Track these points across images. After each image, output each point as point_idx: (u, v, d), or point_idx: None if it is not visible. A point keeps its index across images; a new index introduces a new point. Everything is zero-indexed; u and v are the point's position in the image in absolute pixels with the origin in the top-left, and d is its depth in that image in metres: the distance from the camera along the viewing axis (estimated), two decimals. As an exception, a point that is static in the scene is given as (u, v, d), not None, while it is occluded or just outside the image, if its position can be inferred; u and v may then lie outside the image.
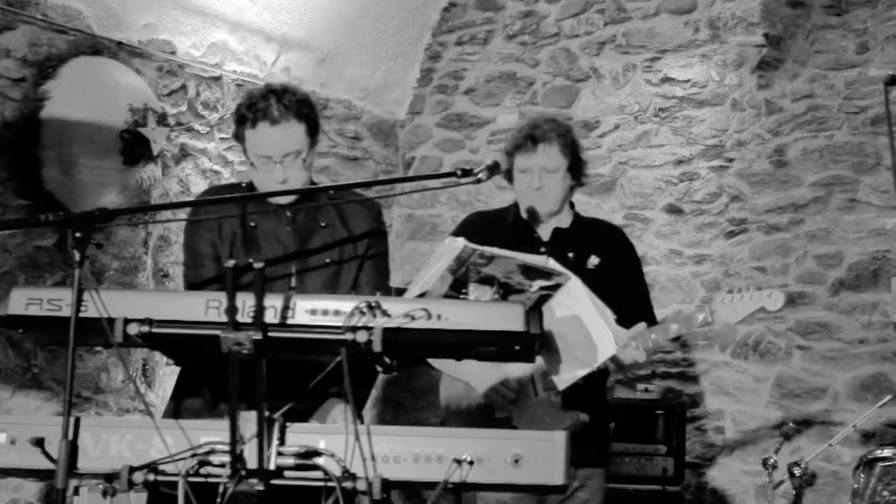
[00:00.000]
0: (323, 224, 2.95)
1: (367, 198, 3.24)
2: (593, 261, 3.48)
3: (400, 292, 3.16)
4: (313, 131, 2.93)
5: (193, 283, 2.95)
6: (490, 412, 3.30)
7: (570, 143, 3.47)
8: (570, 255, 3.42)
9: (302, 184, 2.89)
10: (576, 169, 3.49)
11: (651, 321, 3.41)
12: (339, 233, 2.97)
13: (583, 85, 5.96)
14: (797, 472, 4.12)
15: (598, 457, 3.47)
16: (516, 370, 3.23)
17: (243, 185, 3.07)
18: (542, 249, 3.36)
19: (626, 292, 3.41)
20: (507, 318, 2.04)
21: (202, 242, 2.94)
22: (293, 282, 2.87)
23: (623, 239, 3.66)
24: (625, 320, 3.24)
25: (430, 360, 3.30)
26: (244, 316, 1.97)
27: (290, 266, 2.90)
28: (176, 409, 2.84)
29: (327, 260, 2.92)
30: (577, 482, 3.37)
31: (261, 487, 1.98)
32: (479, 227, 3.47)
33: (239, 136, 2.92)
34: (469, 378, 3.32)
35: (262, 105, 2.83)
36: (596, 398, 3.45)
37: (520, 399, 3.28)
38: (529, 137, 3.45)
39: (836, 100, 5.35)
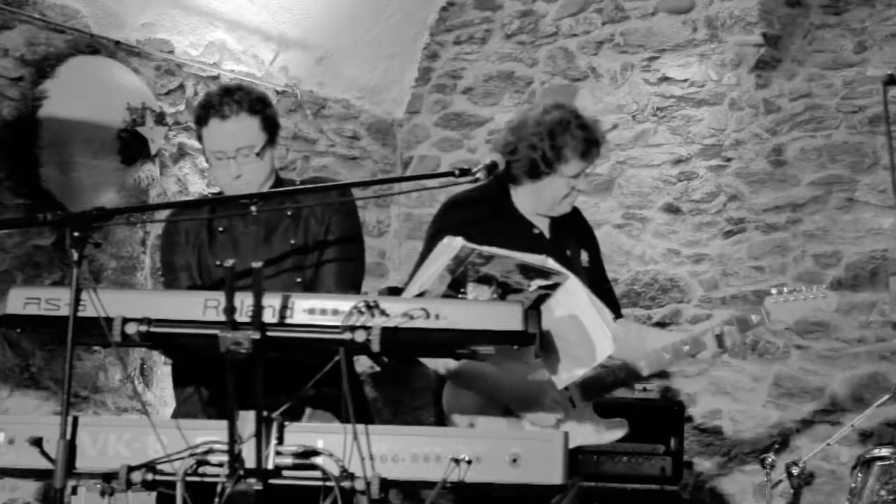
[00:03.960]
0: (288, 212, 2.95)
1: (335, 185, 3.18)
2: (584, 257, 3.35)
3: (398, 291, 3.15)
4: (270, 127, 2.92)
5: None
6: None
7: None
8: (569, 252, 3.29)
9: (260, 178, 2.90)
10: None
11: (617, 313, 3.38)
12: (306, 217, 2.96)
13: (581, 84, 5.96)
14: (795, 471, 4.12)
15: None
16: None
17: (209, 195, 3.09)
18: (544, 255, 3.18)
19: (605, 284, 3.37)
20: (506, 317, 2.04)
21: (173, 255, 2.99)
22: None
23: (589, 226, 3.50)
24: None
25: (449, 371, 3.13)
26: (242, 315, 1.97)
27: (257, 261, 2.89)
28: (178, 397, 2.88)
29: (292, 241, 2.92)
30: None
31: (259, 487, 1.98)
32: (471, 223, 3.15)
33: (198, 137, 2.95)
34: (500, 394, 3.12)
35: (214, 101, 2.86)
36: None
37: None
38: (594, 143, 3.19)
39: (833, 99, 5.35)
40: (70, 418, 2.03)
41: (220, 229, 2.95)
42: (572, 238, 3.36)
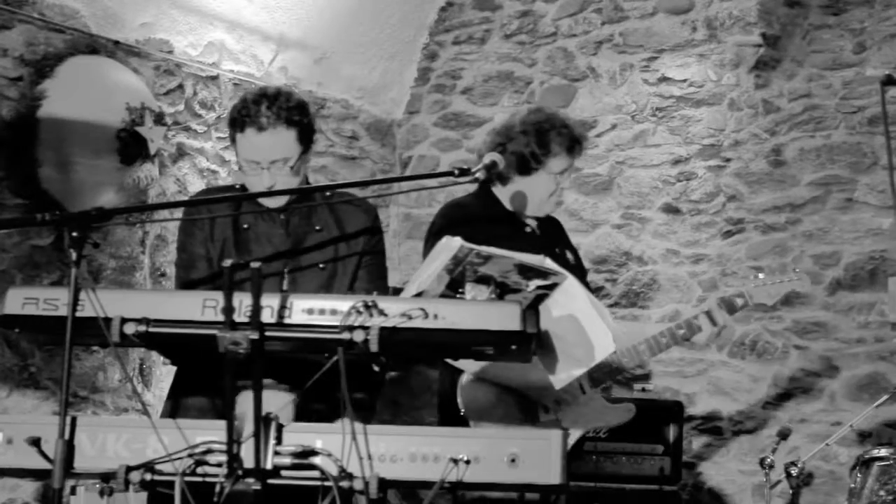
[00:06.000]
0: (317, 227, 2.94)
1: (362, 199, 3.22)
2: (570, 256, 3.53)
3: (397, 291, 3.16)
4: (305, 137, 2.90)
5: (185, 283, 2.95)
6: (534, 415, 3.31)
7: None
8: (557, 250, 3.44)
9: (292, 187, 2.87)
10: None
11: None
12: (334, 236, 2.95)
13: (580, 84, 5.96)
14: (794, 471, 4.13)
15: None
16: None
17: (237, 186, 3.07)
18: (542, 255, 3.34)
19: (587, 284, 3.47)
20: (504, 317, 2.04)
21: (195, 243, 2.94)
22: (285, 284, 2.85)
23: (566, 233, 3.70)
24: None
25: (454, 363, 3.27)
26: (241, 315, 1.97)
27: (281, 267, 2.89)
28: (174, 409, 2.84)
29: (321, 265, 2.90)
30: None
31: (257, 487, 1.98)
32: (468, 222, 3.36)
33: (231, 139, 2.93)
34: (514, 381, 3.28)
35: (252, 110, 2.82)
36: None
37: (568, 400, 3.36)
38: (578, 140, 3.45)
39: (833, 99, 5.35)
40: (68, 418, 2.03)
41: (245, 226, 2.93)
42: (557, 239, 3.54)
